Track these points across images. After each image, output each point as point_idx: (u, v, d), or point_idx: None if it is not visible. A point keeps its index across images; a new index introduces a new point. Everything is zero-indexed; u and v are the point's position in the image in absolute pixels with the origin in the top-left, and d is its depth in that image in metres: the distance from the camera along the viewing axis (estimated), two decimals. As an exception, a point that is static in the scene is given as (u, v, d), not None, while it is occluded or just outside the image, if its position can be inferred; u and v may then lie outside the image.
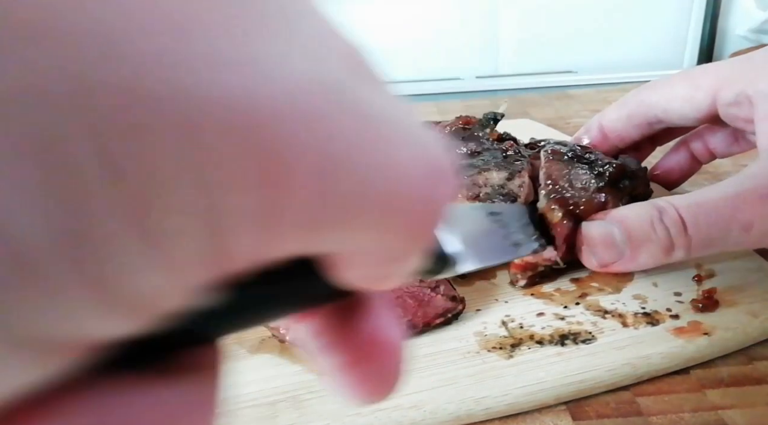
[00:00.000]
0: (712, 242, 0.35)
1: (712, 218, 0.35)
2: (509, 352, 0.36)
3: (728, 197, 0.35)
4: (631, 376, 0.34)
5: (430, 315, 0.38)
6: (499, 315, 0.39)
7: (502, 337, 0.37)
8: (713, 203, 0.35)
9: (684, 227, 0.35)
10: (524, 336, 0.37)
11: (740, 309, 0.38)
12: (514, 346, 0.36)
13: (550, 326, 0.38)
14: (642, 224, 0.36)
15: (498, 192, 0.42)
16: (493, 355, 0.36)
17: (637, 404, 0.33)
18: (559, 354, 0.35)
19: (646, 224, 0.36)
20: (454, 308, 0.39)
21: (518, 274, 0.42)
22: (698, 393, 0.33)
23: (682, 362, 0.35)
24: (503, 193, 0.42)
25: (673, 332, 0.36)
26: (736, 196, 0.35)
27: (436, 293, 0.39)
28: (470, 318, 0.39)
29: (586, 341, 0.36)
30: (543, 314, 0.39)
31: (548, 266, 0.41)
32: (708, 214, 0.35)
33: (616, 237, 0.37)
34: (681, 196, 0.37)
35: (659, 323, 0.37)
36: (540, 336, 0.37)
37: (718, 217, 0.35)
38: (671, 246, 0.36)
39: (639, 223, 0.36)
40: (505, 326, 0.38)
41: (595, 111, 0.86)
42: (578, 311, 0.39)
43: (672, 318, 0.38)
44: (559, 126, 0.79)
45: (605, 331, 0.37)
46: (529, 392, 0.33)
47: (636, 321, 0.37)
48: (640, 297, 0.40)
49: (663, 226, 0.35)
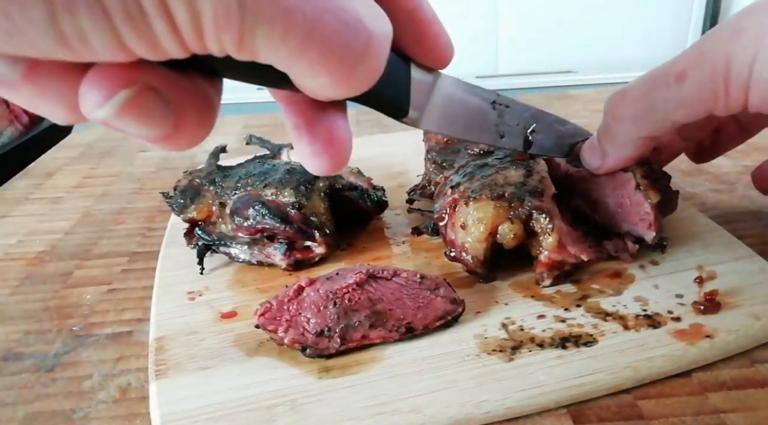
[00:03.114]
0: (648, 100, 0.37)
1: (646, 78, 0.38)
2: (509, 355, 0.35)
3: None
4: (632, 379, 0.34)
5: (430, 318, 0.37)
6: (499, 318, 0.39)
7: (502, 340, 0.37)
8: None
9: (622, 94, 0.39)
10: (524, 339, 0.37)
11: (742, 311, 0.37)
12: (514, 349, 0.36)
13: (551, 328, 0.37)
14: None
15: (523, 190, 0.42)
16: (493, 358, 0.35)
17: (638, 407, 0.33)
18: (559, 357, 0.35)
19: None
20: (453, 310, 0.38)
21: (544, 273, 0.41)
22: (700, 397, 0.33)
23: (684, 365, 0.34)
24: (528, 190, 0.42)
25: (675, 334, 0.36)
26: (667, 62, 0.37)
27: (435, 296, 0.39)
28: (470, 321, 0.39)
29: (587, 343, 0.36)
30: (543, 317, 0.39)
31: (574, 265, 0.41)
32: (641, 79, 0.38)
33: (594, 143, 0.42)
34: None
35: (661, 325, 0.37)
36: (540, 339, 0.37)
37: (651, 74, 0.37)
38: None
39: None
40: (505, 328, 0.38)
41: (596, 111, 0.86)
42: (579, 313, 0.39)
43: (673, 321, 0.37)
44: (559, 126, 0.78)
45: (606, 334, 0.36)
46: (530, 395, 0.33)
47: (637, 324, 0.37)
48: (641, 299, 0.40)
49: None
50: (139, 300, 0.46)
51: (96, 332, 0.43)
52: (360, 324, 0.37)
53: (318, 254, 0.47)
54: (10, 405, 0.36)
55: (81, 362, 0.40)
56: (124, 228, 0.59)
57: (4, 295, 0.48)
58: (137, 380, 0.38)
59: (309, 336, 0.36)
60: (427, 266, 0.46)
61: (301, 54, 0.18)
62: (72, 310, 0.45)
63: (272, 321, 0.37)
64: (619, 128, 0.40)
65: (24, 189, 0.71)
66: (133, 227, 0.59)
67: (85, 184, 0.72)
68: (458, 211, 0.43)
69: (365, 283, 0.38)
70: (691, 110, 0.35)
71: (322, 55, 0.19)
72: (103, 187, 0.70)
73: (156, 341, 0.39)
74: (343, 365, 0.36)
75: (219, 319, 0.41)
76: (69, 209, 0.65)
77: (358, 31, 0.19)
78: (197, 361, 0.37)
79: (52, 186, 0.72)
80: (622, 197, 0.43)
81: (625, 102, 0.39)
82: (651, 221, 0.41)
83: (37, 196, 0.69)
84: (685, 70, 0.35)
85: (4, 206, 0.66)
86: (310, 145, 0.25)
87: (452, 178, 0.48)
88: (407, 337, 0.37)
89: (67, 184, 0.72)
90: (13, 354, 0.41)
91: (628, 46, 1.87)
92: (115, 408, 0.35)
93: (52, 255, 0.54)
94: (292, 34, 0.18)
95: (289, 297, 0.38)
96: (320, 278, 0.39)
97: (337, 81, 0.20)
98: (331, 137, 0.25)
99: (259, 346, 0.38)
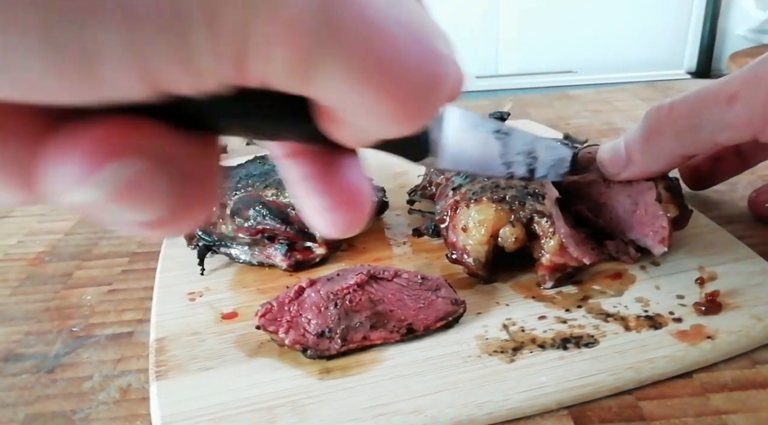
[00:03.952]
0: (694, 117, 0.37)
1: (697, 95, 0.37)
2: (511, 356, 0.35)
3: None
4: (634, 380, 0.34)
5: (431, 319, 0.37)
6: (501, 318, 0.39)
7: (503, 341, 0.37)
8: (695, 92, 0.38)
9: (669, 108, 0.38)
10: (526, 340, 0.37)
11: (743, 312, 0.37)
12: (515, 350, 0.36)
13: (552, 329, 0.37)
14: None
15: (525, 193, 0.42)
16: (495, 359, 0.35)
17: (639, 408, 0.33)
18: (561, 358, 0.35)
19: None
20: (454, 311, 0.38)
21: (546, 275, 0.41)
22: (702, 398, 0.33)
23: (686, 366, 0.34)
24: (529, 193, 0.42)
25: (676, 335, 0.36)
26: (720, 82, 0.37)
27: (436, 297, 0.39)
28: (471, 322, 0.39)
29: (589, 344, 0.36)
30: (545, 318, 0.39)
31: (576, 267, 0.41)
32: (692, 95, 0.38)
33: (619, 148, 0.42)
34: None
35: (662, 326, 0.37)
36: (542, 340, 0.36)
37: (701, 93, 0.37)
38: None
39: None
40: (507, 329, 0.38)
41: (596, 112, 0.86)
42: (580, 314, 0.39)
43: (675, 322, 0.37)
44: (559, 127, 0.78)
45: (608, 335, 0.36)
46: (531, 397, 0.33)
47: (638, 325, 0.37)
48: (642, 300, 0.39)
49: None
50: (139, 301, 0.46)
51: (96, 332, 0.43)
52: (361, 325, 0.37)
53: (318, 254, 0.47)
54: (10, 407, 0.36)
55: (81, 363, 0.40)
56: (125, 229, 0.59)
57: (5, 296, 0.48)
58: (138, 381, 0.38)
59: (310, 336, 0.36)
60: (428, 266, 0.46)
61: (377, 89, 0.15)
62: (72, 311, 0.45)
63: (273, 322, 0.37)
64: (660, 141, 0.39)
65: (24, 189, 0.71)
66: (134, 228, 0.59)
67: (85, 184, 0.72)
68: (459, 213, 0.43)
69: (366, 284, 0.38)
70: (737, 132, 0.35)
71: (396, 90, 0.16)
72: (103, 187, 0.70)
73: (156, 342, 0.39)
74: (344, 366, 0.36)
75: (220, 320, 0.41)
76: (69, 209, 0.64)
77: (438, 66, 0.16)
78: (198, 362, 0.37)
79: (52, 186, 0.72)
80: (636, 205, 0.42)
81: (671, 117, 0.38)
82: (665, 236, 0.41)
83: (37, 196, 0.69)
84: (737, 92, 0.34)
85: (3, 207, 0.66)
86: (325, 198, 0.20)
87: (453, 179, 0.48)
88: (408, 338, 0.37)
89: (67, 184, 0.72)
90: (13, 355, 0.41)
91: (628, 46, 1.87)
92: (116, 409, 0.35)
93: (53, 256, 0.54)
94: (374, 67, 0.15)
95: (289, 298, 0.38)
96: (321, 279, 0.39)
97: (401, 119, 0.17)
98: (350, 186, 0.20)
99: (259, 347, 0.38)
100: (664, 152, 0.40)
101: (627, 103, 0.89)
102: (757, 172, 0.55)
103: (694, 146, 0.38)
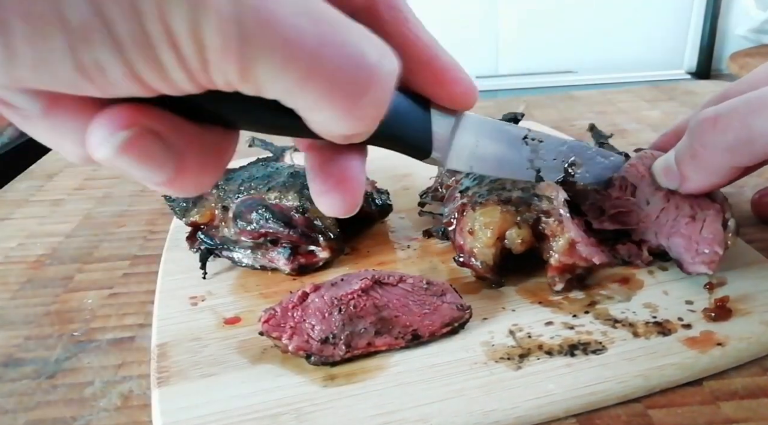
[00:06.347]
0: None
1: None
2: (517, 363, 0.35)
3: None
4: (643, 388, 0.33)
5: (436, 324, 0.37)
6: (507, 324, 0.38)
7: (509, 347, 0.36)
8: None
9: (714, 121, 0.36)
10: (533, 346, 0.36)
11: (754, 318, 0.37)
12: (522, 356, 0.35)
13: (559, 335, 0.37)
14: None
15: (531, 194, 0.41)
16: (501, 366, 0.35)
17: (648, 417, 0.32)
18: (568, 365, 0.34)
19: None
20: (460, 317, 0.38)
21: (556, 277, 0.40)
22: (712, 406, 0.33)
23: (696, 373, 0.34)
24: (535, 194, 0.41)
25: (686, 342, 0.35)
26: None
27: (441, 302, 0.38)
28: (477, 327, 0.38)
29: (597, 351, 0.35)
30: (551, 324, 0.38)
31: (587, 268, 0.40)
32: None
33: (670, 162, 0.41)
34: None
35: (671, 333, 0.36)
36: (549, 346, 0.36)
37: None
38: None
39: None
40: (513, 335, 0.37)
41: (600, 113, 0.86)
42: (587, 320, 0.38)
43: (684, 328, 0.37)
44: (563, 128, 0.78)
45: (616, 341, 0.36)
46: (539, 404, 0.32)
47: (647, 331, 0.37)
48: (651, 306, 0.39)
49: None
50: (140, 305, 0.46)
51: (97, 337, 0.42)
52: (365, 331, 0.36)
53: (322, 258, 0.46)
54: (10, 413, 0.35)
55: (82, 368, 0.39)
56: (126, 231, 0.58)
57: (5, 299, 0.48)
58: (139, 387, 0.37)
59: (314, 343, 0.35)
60: (433, 270, 0.46)
61: (303, 86, 0.19)
62: (73, 315, 0.45)
63: (276, 328, 0.36)
64: (710, 156, 0.37)
65: (25, 191, 0.71)
66: (135, 231, 0.58)
67: (86, 186, 0.71)
68: (466, 216, 0.42)
69: (371, 289, 0.38)
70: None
71: (325, 88, 0.19)
72: (104, 189, 0.70)
73: (158, 347, 0.38)
74: (349, 373, 0.35)
75: (222, 325, 0.40)
76: (70, 211, 0.64)
77: (361, 66, 0.20)
78: (200, 368, 0.36)
79: (53, 188, 0.71)
80: (694, 218, 0.41)
81: (717, 129, 0.36)
82: (715, 262, 0.39)
83: (37, 198, 0.68)
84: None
85: (4, 209, 0.66)
86: (322, 183, 0.26)
87: (462, 182, 0.47)
88: (413, 344, 0.37)
89: (68, 186, 0.71)
90: (13, 360, 0.40)
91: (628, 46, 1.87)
92: (117, 416, 0.35)
93: (53, 259, 0.54)
94: (293, 65, 0.18)
95: (293, 303, 0.37)
96: (325, 284, 0.39)
97: (341, 115, 0.21)
98: (343, 175, 0.26)
99: (262, 353, 0.37)
100: (717, 167, 0.37)
101: (631, 105, 0.89)
102: (765, 174, 0.54)
103: (749, 158, 0.36)
